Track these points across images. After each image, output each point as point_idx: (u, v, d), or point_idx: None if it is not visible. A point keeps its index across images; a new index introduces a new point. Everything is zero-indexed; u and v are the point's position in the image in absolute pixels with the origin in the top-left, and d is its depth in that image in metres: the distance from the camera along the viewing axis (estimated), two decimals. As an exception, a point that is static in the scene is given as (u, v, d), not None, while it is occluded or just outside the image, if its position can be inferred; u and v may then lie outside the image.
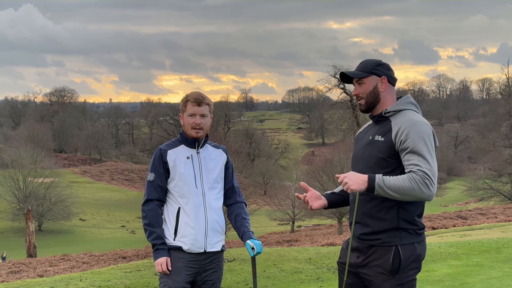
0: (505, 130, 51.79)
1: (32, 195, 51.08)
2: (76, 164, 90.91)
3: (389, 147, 3.47)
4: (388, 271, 3.47)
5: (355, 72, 3.64)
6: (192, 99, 4.07)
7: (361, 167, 3.57)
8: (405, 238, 3.49)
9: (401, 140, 3.42)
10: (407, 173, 3.39)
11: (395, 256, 3.47)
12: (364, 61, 3.69)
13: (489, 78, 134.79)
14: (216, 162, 4.20)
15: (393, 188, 3.33)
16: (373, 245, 3.52)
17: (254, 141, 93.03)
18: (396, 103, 3.60)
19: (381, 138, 3.51)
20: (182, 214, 4.05)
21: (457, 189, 66.49)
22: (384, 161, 3.48)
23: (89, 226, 56.59)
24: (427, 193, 3.34)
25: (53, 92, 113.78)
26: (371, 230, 3.52)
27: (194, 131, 4.07)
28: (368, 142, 3.60)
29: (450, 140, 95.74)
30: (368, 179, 3.37)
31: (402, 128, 3.45)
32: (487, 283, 7.83)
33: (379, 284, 3.49)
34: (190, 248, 4.04)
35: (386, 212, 3.48)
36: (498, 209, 36.69)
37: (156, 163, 4.09)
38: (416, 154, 3.40)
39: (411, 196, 3.35)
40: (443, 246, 11.51)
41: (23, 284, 9.04)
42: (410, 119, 3.49)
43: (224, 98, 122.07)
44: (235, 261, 10.34)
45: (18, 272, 22.50)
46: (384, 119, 3.59)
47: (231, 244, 27.90)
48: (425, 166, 3.36)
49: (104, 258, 26.01)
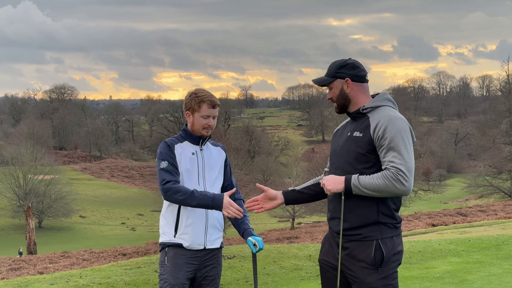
0: (505, 127, 51.76)
1: (32, 192, 51.11)
2: (76, 161, 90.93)
3: (368, 143, 3.52)
4: (371, 265, 3.51)
5: (321, 79, 3.75)
6: (208, 101, 4.10)
7: (340, 162, 3.63)
8: (385, 232, 3.56)
9: (379, 135, 3.48)
10: (382, 170, 3.47)
11: (376, 250, 3.52)
12: (330, 65, 3.75)
13: (489, 75, 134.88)
14: (216, 160, 4.23)
15: (368, 187, 3.44)
16: (354, 240, 3.56)
17: (254, 138, 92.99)
18: (373, 100, 3.66)
19: (360, 133, 3.56)
20: (183, 211, 4.05)
21: (457, 186, 66.47)
22: (363, 157, 3.53)
23: (89, 223, 56.60)
24: (402, 189, 3.41)
25: (53, 89, 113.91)
26: (351, 225, 3.56)
27: (205, 130, 4.12)
28: (346, 138, 3.65)
29: (450, 137, 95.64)
30: (344, 180, 3.49)
31: (380, 124, 3.50)
32: (487, 280, 7.83)
33: (362, 278, 3.52)
34: (190, 245, 4.05)
35: (366, 207, 3.53)
36: (498, 206, 36.69)
37: (166, 153, 4.06)
38: (392, 150, 3.45)
39: (387, 193, 3.44)
40: (443, 243, 11.51)
41: (23, 281, 9.04)
42: (387, 115, 3.55)
43: (224, 95, 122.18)
44: (235, 258, 10.34)
45: (18, 269, 22.51)
46: (362, 116, 3.65)
47: (231, 241, 27.91)
48: (399, 162, 3.41)
49: (104, 255, 26.02)
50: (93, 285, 8.37)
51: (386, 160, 3.46)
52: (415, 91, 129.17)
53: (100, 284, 8.46)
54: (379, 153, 3.51)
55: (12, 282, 9.15)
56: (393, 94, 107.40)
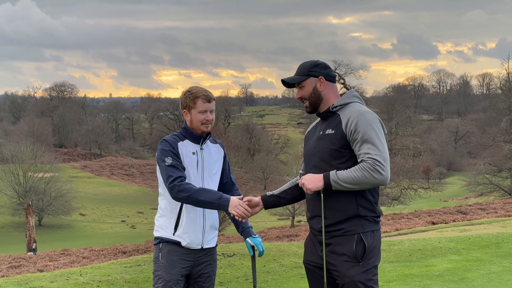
0: (505, 125, 51.77)
1: (32, 190, 51.09)
2: (76, 159, 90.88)
3: (341, 138, 3.58)
4: (352, 258, 3.56)
5: (293, 77, 3.81)
6: (202, 96, 4.09)
7: (315, 161, 3.69)
8: (365, 226, 3.61)
9: (351, 130, 3.55)
10: (359, 163, 3.51)
11: (357, 243, 3.57)
12: (301, 65, 3.83)
13: (489, 73, 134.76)
14: (215, 158, 4.23)
15: (347, 180, 3.48)
16: (335, 236, 3.60)
17: (254, 136, 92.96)
18: (342, 98, 3.75)
19: (332, 131, 3.63)
20: (184, 210, 4.05)
21: (457, 184, 66.45)
22: (337, 152, 3.59)
23: (89, 221, 56.60)
24: (380, 178, 3.47)
25: (53, 87, 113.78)
26: (331, 222, 3.61)
27: (204, 126, 4.11)
28: (319, 137, 3.71)
29: (450, 135, 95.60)
30: (323, 177, 3.53)
31: (351, 119, 3.57)
32: (487, 278, 7.84)
33: (344, 272, 3.56)
34: (188, 244, 4.05)
35: (345, 201, 3.59)
36: (498, 204, 36.68)
37: (169, 150, 4.03)
38: (366, 142, 3.52)
39: (366, 184, 3.49)
40: (443, 241, 11.51)
41: (23, 278, 9.05)
42: (357, 110, 3.62)
43: (224, 93, 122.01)
44: (235, 256, 10.34)
45: (18, 267, 22.49)
46: (332, 114, 3.72)
47: (231, 239, 27.90)
48: (375, 153, 3.49)
49: (104, 253, 26.02)
50: (93, 283, 8.37)
51: (362, 152, 3.52)
52: (415, 89, 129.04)
53: (100, 282, 8.46)
54: (353, 147, 3.57)
55: (12, 280, 9.15)
56: (393, 92, 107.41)
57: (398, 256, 10.00)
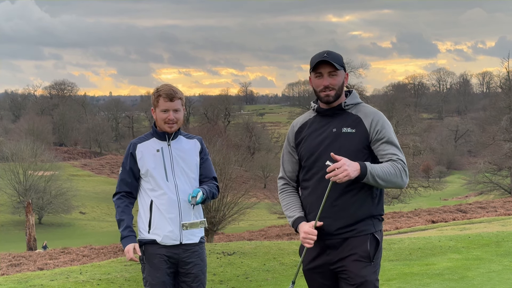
0: (505, 123, 51.75)
1: (32, 188, 51.07)
2: (76, 157, 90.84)
3: (364, 138, 3.50)
4: (366, 258, 3.49)
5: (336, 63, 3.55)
6: (164, 94, 4.04)
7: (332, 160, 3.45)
8: (376, 225, 3.57)
9: (377, 130, 3.49)
10: (388, 162, 3.44)
11: (371, 243, 3.51)
12: (332, 52, 3.60)
13: (489, 72, 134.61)
14: (189, 153, 4.15)
15: (381, 176, 3.38)
16: (348, 237, 3.50)
17: (254, 134, 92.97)
18: (352, 97, 3.65)
19: (352, 129, 3.52)
20: (154, 207, 4.05)
21: (457, 182, 66.49)
22: (359, 152, 3.50)
23: (89, 219, 56.61)
24: (405, 181, 3.46)
25: (53, 85, 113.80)
26: (346, 223, 3.50)
27: (168, 125, 4.05)
28: (333, 134, 3.54)
29: (450, 133, 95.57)
30: (360, 167, 3.35)
31: (375, 119, 3.52)
32: (486, 276, 7.84)
33: (357, 272, 3.47)
34: (163, 241, 4.02)
35: (362, 203, 3.51)
36: (498, 202, 36.68)
37: (125, 157, 4.13)
38: (391, 144, 3.49)
39: (393, 184, 3.43)
40: (443, 240, 11.51)
41: (23, 277, 9.04)
42: (376, 111, 3.59)
43: (224, 92, 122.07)
44: (235, 254, 10.34)
45: (18, 265, 22.51)
46: (341, 112, 3.60)
47: (231, 238, 27.93)
48: (402, 156, 3.48)
49: (104, 251, 26.04)
50: (93, 281, 8.37)
51: (388, 152, 3.47)
52: (415, 88, 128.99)
53: (100, 280, 8.46)
54: (374, 146, 3.51)
55: (12, 278, 9.15)
56: (393, 90, 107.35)
57: (398, 255, 10.00)
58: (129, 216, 4.11)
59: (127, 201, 4.14)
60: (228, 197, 29.80)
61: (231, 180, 31.51)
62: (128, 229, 4.06)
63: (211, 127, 60.55)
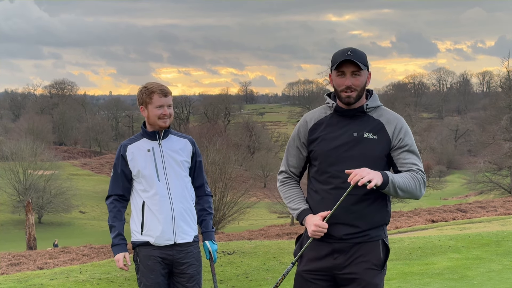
0: (505, 123, 51.72)
1: (32, 188, 51.08)
2: (76, 157, 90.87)
3: (387, 145, 3.38)
4: (378, 265, 3.40)
5: (360, 63, 3.35)
6: (158, 90, 4.04)
7: (351, 165, 3.32)
8: (385, 231, 3.50)
9: (400, 138, 3.38)
10: (408, 172, 3.35)
11: (382, 249, 3.43)
12: (356, 50, 3.39)
13: (489, 71, 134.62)
14: (180, 152, 4.13)
15: (401, 186, 3.28)
16: (359, 242, 3.40)
17: (254, 134, 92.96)
18: (373, 99, 3.48)
19: (374, 136, 3.37)
20: (146, 208, 4.03)
21: (457, 182, 66.49)
22: (380, 160, 3.38)
23: (89, 219, 56.61)
24: (423, 193, 3.41)
25: (53, 84, 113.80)
26: (360, 230, 3.39)
27: (162, 121, 4.04)
28: (354, 139, 3.38)
29: (450, 133, 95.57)
30: (382, 176, 3.22)
31: (398, 126, 3.40)
32: (486, 276, 7.84)
33: (369, 280, 3.37)
34: (157, 241, 4.01)
35: (377, 211, 3.41)
36: (498, 202, 36.67)
37: (116, 160, 4.13)
38: (412, 153, 3.39)
39: (410, 195, 3.34)
40: (443, 239, 11.51)
41: (23, 276, 9.04)
42: (398, 117, 3.46)
43: (224, 91, 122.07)
44: (235, 254, 10.34)
45: (18, 264, 22.49)
46: (363, 115, 3.44)
47: (231, 237, 27.92)
48: (421, 166, 3.40)
49: (104, 251, 26.03)
50: (93, 281, 8.37)
51: (409, 162, 3.37)
52: (415, 87, 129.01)
53: (100, 279, 8.46)
54: (395, 153, 3.39)
55: (12, 277, 9.14)
56: (394, 90, 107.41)
57: (398, 254, 9.99)
58: (120, 222, 4.09)
59: (119, 205, 4.12)
60: (228, 197, 29.86)
61: (231, 180, 31.56)
62: (119, 236, 4.06)
63: (211, 127, 60.54)
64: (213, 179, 28.60)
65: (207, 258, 4.21)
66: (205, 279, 8.45)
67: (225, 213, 29.44)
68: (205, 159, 29.53)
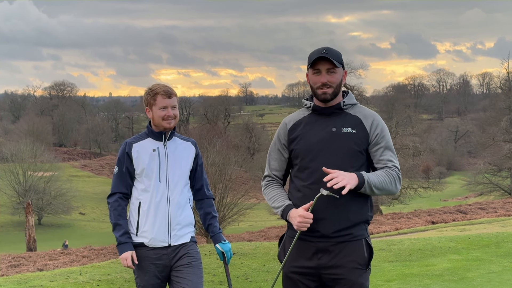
0: (505, 124, 51.73)
1: (32, 189, 51.06)
2: (76, 158, 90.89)
3: (365, 140, 3.43)
4: (362, 265, 3.43)
5: (335, 60, 3.46)
6: (162, 92, 4.04)
7: (331, 160, 3.38)
8: (367, 230, 3.52)
9: (377, 134, 3.42)
10: (383, 169, 3.39)
11: (366, 248, 3.45)
12: (331, 49, 3.49)
13: (489, 73, 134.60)
14: (184, 155, 4.14)
15: (377, 185, 3.33)
16: (343, 241, 3.41)
17: (254, 135, 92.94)
18: (349, 97, 3.57)
19: (352, 130, 3.42)
20: (142, 209, 4.02)
21: (457, 183, 66.46)
22: (359, 154, 3.42)
23: (89, 220, 56.59)
24: (398, 188, 3.42)
25: (53, 86, 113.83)
26: (341, 226, 3.40)
27: (166, 122, 4.04)
28: (332, 134, 3.44)
29: (450, 134, 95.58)
30: (357, 177, 3.29)
31: (375, 122, 3.45)
32: (486, 277, 7.83)
33: (355, 279, 3.39)
34: (151, 243, 4.00)
35: (359, 207, 3.44)
36: (498, 203, 36.70)
37: (121, 157, 4.09)
38: (388, 149, 3.44)
39: (387, 192, 3.38)
40: (443, 241, 11.51)
41: (23, 277, 9.04)
42: (374, 113, 3.51)
43: (224, 93, 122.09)
44: (235, 255, 10.34)
45: (18, 265, 22.49)
46: (340, 112, 3.50)
47: (231, 239, 27.91)
48: (397, 162, 3.43)
49: (104, 252, 26.02)
50: (93, 282, 8.37)
51: (385, 159, 3.41)
52: (415, 89, 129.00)
53: (100, 281, 8.46)
54: (372, 150, 3.44)
55: (11, 279, 9.14)
56: (393, 91, 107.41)
57: (398, 256, 9.99)
58: (125, 221, 4.07)
59: (123, 203, 4.10)
60: (228, 198, 29.84)
61: (230, 181, 31.54)
62: (126, 235, 4.03)
63: (211, 128, 60.56)
64: (213, 180, 28.58)
65: (221, 259, 4.19)
66: (206, 280, 8.45)
67: (225, 215, 29.42)
68: (205, 160, 29.53)
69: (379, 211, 42.62)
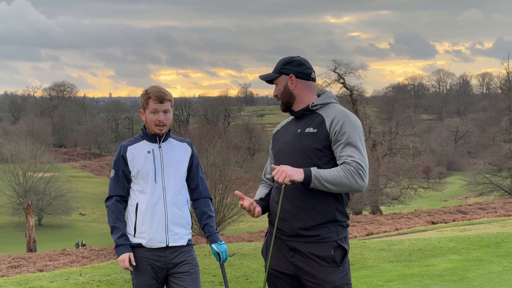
0: (505, 124, 51.79)
1: (32, 190, 51.10)
2: (75, 159, 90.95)
3: (324, 138, 3.44)
4: (332, 263, 3.42)
5: (266, 74, 3.73)
6: (154, 96, 4.03)
7: (294, 160, 3.47)
8: (340, 233, 3.48)
9: (336, 130, 3.42)
10: (341, 164, 3.38)
11: (335, 249, 3.43)
12: (278, 62, 3.73)
13: (489, 73, 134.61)
14: (179, 156, 4.15)
15: (329, 179, 3.31)
16: (310, 242, 3.43)
17: (254, 135, 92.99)
18: (322, 97, 3.61)
19: (314, 129, 3.47)
20: (140, 210, 4.03)
21: (457, 183, 66.48)
22: (319, 152, 3.44)
23: (89, 221, 56.63)
24: (361, 184, 3.35)
25: (53, 86, 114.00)
26: (306, 225, 3.43)
27: (158, 128, 4.04)
28: (296, 135, 3.54)
29: (450, 134, 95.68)
30: (303, 171, 3.32)
31: (336, 119, 3.45)
32: (486, 277, 7.83)
33: (325, 278, 3.41)
34: (149, 243, 4.01)
35: (324, 204, 3.43)
36: (498, 203, 36.70)
37: (116, 160, 4.12)
38: (350, 145, 3.40)
39: (346, 187, 3.34)
40: (443, 241, 11.51)
41: (23, 278, 9.04)
42: (342, 111, 3.51)
43: (224, 93, 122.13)
44: (235, 256, 10.35)
45: (18, 266, 22.50)
46: (310, 113, 3.57)
47: (231, 239, 27.91)
48: (359, 157, 3.37)
49: (104, 253, 26.03)
50: (93, 283, 8.37)
51: (344, 154, 3.39)
52: (415, 89, 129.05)
53: (100, 281, 8.46)
54: (334, 147, 3.44)
55: (11, 279, 9.15)
56: (393, 91, 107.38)
57: (398, 256, 10.00)
58: (123, 223, 4.09)
59: (120, 206, 4.12)
60: (228, 199, 29.81)
61: (231, 182, 31.51)
62: (123, 237, 4.05)
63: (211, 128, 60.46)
64: (213, 181, 28.56)
65: (217, 260, 4.19)
66: (206, 280, 8.45)
67: (225, 215, 29.40)
68: (205, 161, 29.52)
69: (379, 212, 42.63)
